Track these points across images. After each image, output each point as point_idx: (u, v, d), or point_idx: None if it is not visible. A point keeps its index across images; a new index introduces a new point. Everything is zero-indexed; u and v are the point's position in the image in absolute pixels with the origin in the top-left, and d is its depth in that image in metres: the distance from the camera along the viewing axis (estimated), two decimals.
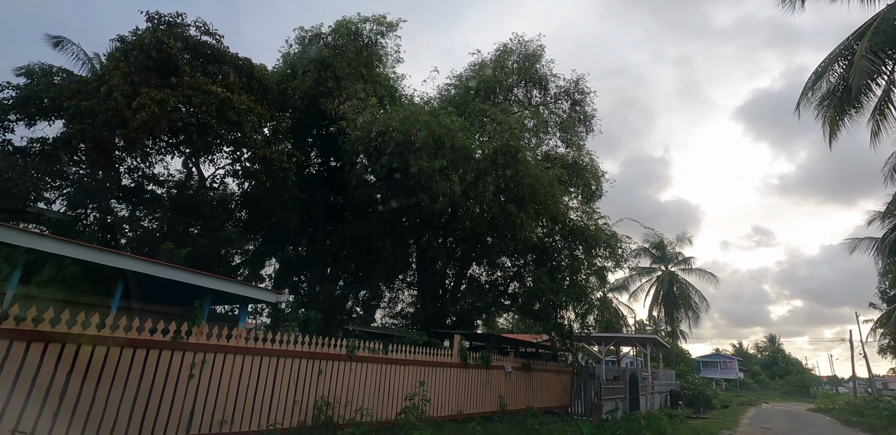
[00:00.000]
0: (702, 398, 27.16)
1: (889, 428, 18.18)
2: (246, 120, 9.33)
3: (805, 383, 60.16)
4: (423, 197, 10.82)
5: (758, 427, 17.32)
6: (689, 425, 13.70)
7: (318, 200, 15.11)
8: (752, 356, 71.74)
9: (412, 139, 10.70)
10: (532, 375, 14.42)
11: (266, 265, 18.21)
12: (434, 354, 10.83)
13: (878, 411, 25.19)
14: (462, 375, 11.61)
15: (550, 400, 15.31)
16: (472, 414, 11.69)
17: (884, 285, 26.54)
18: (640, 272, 34.99)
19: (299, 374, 7.96)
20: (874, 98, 12.54)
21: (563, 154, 16.19)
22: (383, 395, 9.28)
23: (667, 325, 35.81)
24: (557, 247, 14.63)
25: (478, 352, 13.17)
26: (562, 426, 12.34)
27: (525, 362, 14.12)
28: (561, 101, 16.47)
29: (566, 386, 16.17)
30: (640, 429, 10.39)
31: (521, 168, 11.72)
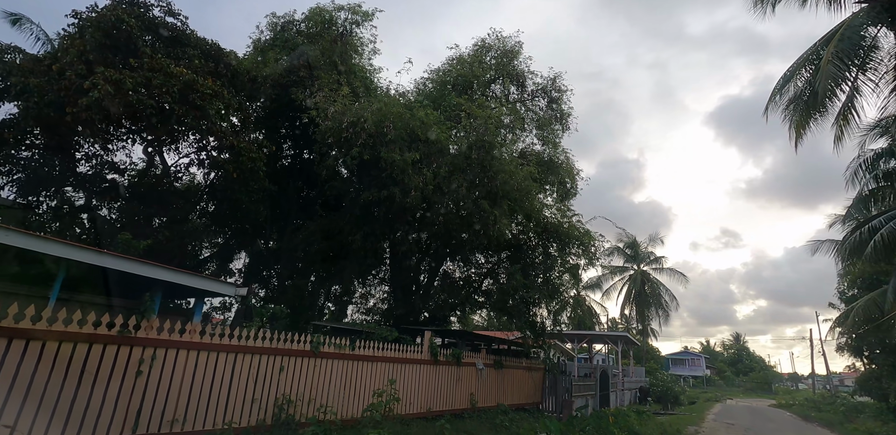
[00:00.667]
0: (670, 395, 27.61)
1: (844, 423, 18.71)
2: (210, 105, 8.85)
3: (767, 380, 62.03)
4: (395, 190, 10.51)
5: (722, 423, 17.60)
6: (657, 422, 13.77)
7: (290, 193, 14.64)
8: (718, 354, 73.64)
9: (385, 131, 10.38)
10: (504, 372, 14.27)
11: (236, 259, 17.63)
12: (403, 350, 10.55)
13: (834, 407, 26.01)
14: (432, 372, 11.36)
15: (522, 397, 15.21)
16: (442, 411, 11.45)
17: (842, 286, 27.28)
18: (613, 271, 35.38)
19: (259, 371, 7.57)
20: (838, 103, 12.76)
21: (538, 151, 16.08)
22: (349, 392, 8.96)
23: (638, 323, 36.32)
24: (531, 244, 14.51)
25: (451, 349, 12.95)
26: (531, 423, 12.22)
27: (497, 359, 13.95)
28: (538, 99, 16.35)
29: (538, 383, 16.09)
30: (608, 426, 10.33)
31: (494, 163, 11.53)
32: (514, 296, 13.44)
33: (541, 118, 16.00)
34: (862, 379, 28.33)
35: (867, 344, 24.98)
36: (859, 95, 12.71)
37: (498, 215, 11.50)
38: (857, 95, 12.69)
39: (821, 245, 25.74)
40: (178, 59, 9.34)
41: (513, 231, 14.61)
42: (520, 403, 15.04)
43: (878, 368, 25.52)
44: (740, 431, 15.54)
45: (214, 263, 17.28)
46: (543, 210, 14.21)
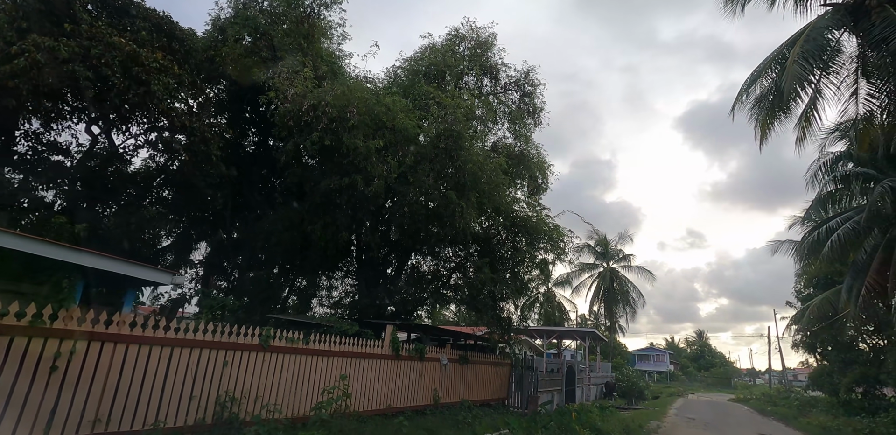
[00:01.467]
0: (635, 390, 27.85)
1: (798, 417, 19.06)
2: (157, 80, 8.10)
3: (727, 375, 63.83)
4: (358, 179, 9.96)
5: (683, 418, 17.68)
6: (619, 417, 13.63)
7: (254, 181, 13.88)
8: (682, 350, 75.36)
9: (348, 116, 9.81)
10: (469, 368, 13.89)
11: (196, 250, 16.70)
12: (363, 344, 10.02)
13: (789, 402, 26.67)
14: (393, 368, 10.87)
15: (487, 393, 14.87)
16: (403, 408, 10.98)
17: (799, 285, 27.99)
18: (583, 268, 35.52)
19: (199, 366, 6.94)
20: (801, 105, 12.78)
21: (510, 145, 15.73)
22: (302, 389, 8.38)
23: (606, 319, 36.59)
24: (500, 238, 14.13)
25: (414, 343, 12.48)
26: (494, 419, 11.87)
27: (462, 355, 13.56)
28: (511, 92, 15.98)
29: (504, 378, 15.79)
30: (571, 422, 10.04)
31: (463, 154, 11.08)
32: (482, 290, 13.05)
33: (513, 112, 15.64)
34: (814, 375, 29.15)
35: (820, 341, 25.66)
36: (821, 98, 12.75)
37: (465, 207, 11.07)
38: (820, 98, 12.73)
39: (780, 245, 26.23)
40: (124, 30, 8.54)
41: (483, 225, 14.23)
42: (485, 399, 14.70)
43: (830, 365, 26.27)
44: (700, 426, 15.58)
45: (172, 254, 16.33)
46: (513, 204, 13.84)
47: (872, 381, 22.38)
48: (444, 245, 14.65)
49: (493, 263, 13.81)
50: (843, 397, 23.86)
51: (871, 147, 14.78)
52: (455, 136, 11.12)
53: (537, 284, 15.65)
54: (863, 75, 12.53)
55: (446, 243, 14.31)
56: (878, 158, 14.97)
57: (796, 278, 28.36)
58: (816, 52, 11.56)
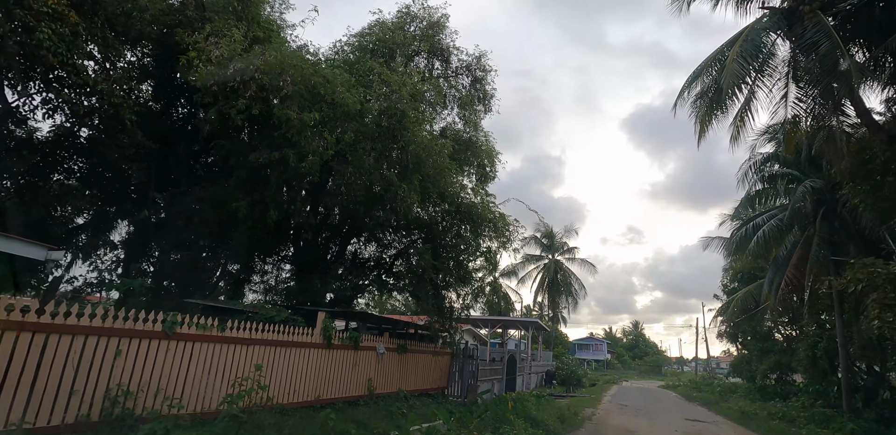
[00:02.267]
0: (573, 378, 28.42)
1: (720, 402, 19.99)
2: (47, 27, 6.86)
3: (658, 364, 67.26)
4: (290, 153, 9.07)
5: (617, 404, 18.05)
6: (555, 405, 13.56)
7: (180, 156, 12.53)
8: (619, 340, 78.66)
9: (281, 85, 8.88)
10: (408, 357, 13.35)
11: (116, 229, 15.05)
12: (291, 332, 9.21)
13: (712, 388, 28.12)
14: (324, 357, 10.13)
15: (427, 382, 14.40)
16: (334, 399, 10.29)
17: (726, 280, 29.42)
18: (529, 259, 35.89)
19: (85, 356, 5.95)
20: (737, 104, 13.04)
21: (459, 131, 15.19)
22: (214, 381, 7.50)
23: (550, 310, 37.19)
24: (445, 225, 13.59)
25: (348, 331, 11.78)
26: (430, 409, 11.41)
27: (401, 343, 12.99)
28: (462, 76, 15.42)
29: (444, 368, 15.38)
30: (507, 412, 9.72)
31: (407, 135, 10.41)
32: (423, 277, 12.50)
33: (463, 97, 15.09)
34: (735, 363, 30.93)
35: (742, 332, 27.10)
36: (755, 99, 13.05)
37: (408, 190, 10.43)
38: (754, 99, 13.03)
39: (711, 241, 27.51)
40: None
41: (427, 211, 13.65)
42: (424, 389, 14.23)
43: (749, 353, 27.88)
44: (632, 412, 15.87)
45: (89, 233, 14.63)
46: (460, 191, 13.31)
47: (785, 368, 23.90)
48: (387, 231, 13.97)
49: (436, 251, 13.29)
50: (759, 383, 25.40)
51: (797, 149, 15.41)
52: (399, 115, 10.43)
53: (484, 274, 15.32)
54: (793, 79, 12.90)
55: (389, 229, 13.65)
56: (802, 160, 15.64)
57: (723, 273, 29.85)
58: (754, 52, 11.75)
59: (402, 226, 13.31)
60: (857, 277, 8.73)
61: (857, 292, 8.66)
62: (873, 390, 17.67)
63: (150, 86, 12.47)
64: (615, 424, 12.62)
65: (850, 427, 11.38)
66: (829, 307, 16.18)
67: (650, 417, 14.57)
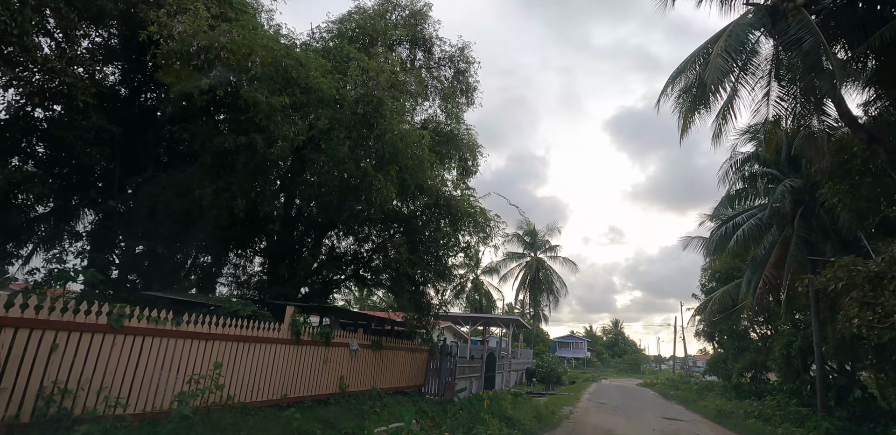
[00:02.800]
0: (553, 376, 28.23)
1: (697, 400, 19.91)
2: None
3: (637, 362, 67.78)
4: (257, 138, 8.52)
5: (595, 402, 17.82)
6: (533, 404, 13.22)
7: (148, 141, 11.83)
8: (598, 338, 79.07)
9: (249, 66, 8.31)
10: (383, 354, 12.87)
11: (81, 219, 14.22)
12: (256, 327, 8.66)
13: (689, 386, 28.21)
14: (293, 353, 9.60)
15: (403, 380, 13.94)
16: (303, 397, 9.76)
17: (704, 279, 29.49)
18: (512, 257, 35.66)
19: (14, 351, 5.35)
20: (720, 101, 12.87)
21: (440, 123, 14.74)
22: (167, 378, 6.91)
23: (531, 308, 37.03)
24: (424, 219, 13.15)
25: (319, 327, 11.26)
26: (403, 408, 10.96)
27: (376, 340, 12.50)
28: (444, 68, 14.97)
29: (421, 365, 14.93)
30: (482, 411, 9.32)
31: (383, 123, 9.92)
32: (400, 272, 12.02)
33: (445, 89, 14.65)
34: (711, 361, 31.11)
35: (718, 331, 27.20)
36: (738, 97, 12.90)
37: (384, 181, 9.94)
38: (736, 97, 12.87)
39: (691, 241, 27.54)
40: None
41: (407, 204, 13.20)
42: (400, 387, 13.77)
43: (725, 352, 28.04)
44: (610, 410, 15.63)
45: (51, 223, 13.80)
46: (440, 185, 12.86)
47: (760, 367, 24.03)
48: (365, 224, 13.46)
49: (414, 245, 12.84)
50: (735, 382, 25.54)
51: (777, 149, 15.31)
52: (376, 102, 9.94)
53: (466, 271, 14.93)
54: (775, 78, 12.77)
55: (366, 222, 13.13)
56: (782, 160, 15.57)
57: (702, 273, 29.96)
58: (738, 47, 11.56)
59: (380, 219, 12.81)
60: (838, 275, 8.52)
61: (838, 290, 8.45)
62: (845, 389, 17.74)
63: (118, 68, 11.76)
64: (593, 423, 12.33)
65: (826, 426, 11.26)
66: (806, 307, 16.17)
67: (628, 416, 14.33)
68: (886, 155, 10.40)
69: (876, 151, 10.62)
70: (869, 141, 10.72)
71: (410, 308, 13.44)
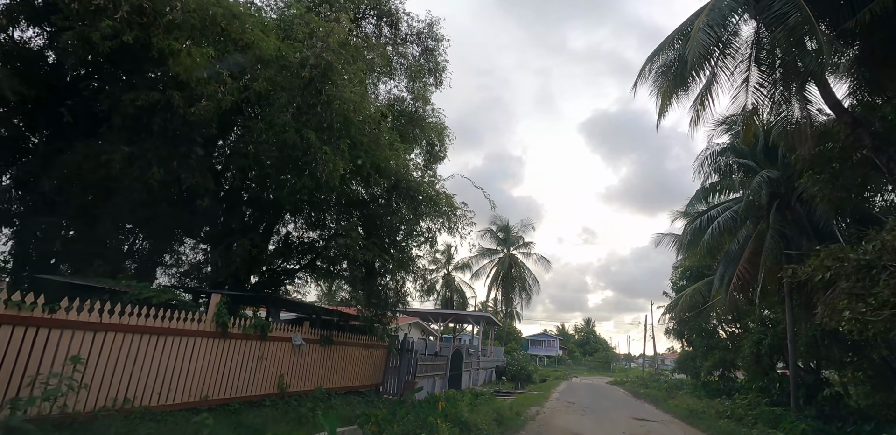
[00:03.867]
0: (524, 374, 27.19)
1: (668, 399, 19.09)
2: None
3: (608, 360, 67.59)
4: (175, 95, 7.10)
5: (564, 402, 16.79)
6: (495, 405, 12.04)
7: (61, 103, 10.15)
8: (571, 336, 78.76)
9: (165, 11, 6.89)
10: (334, 350, 11.51)
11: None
12: (169, 317, 7.22)
13: (659, 384, 27.55)
14: (217, 348, 8.17)
15: (357, 378, 12.59)
16: (229, 399, 8.32)
17: (675, 277, 28.93)
18: (484, 253, 34.52)
19: None
20: (698, 86, 12.06)
21: (406, 103, 13.49)
22: (25, 377, 5.44)
23: (504, 306, 35.97)
24: (383, 203, 11.84)
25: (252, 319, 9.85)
26: (352, 410, 9.64)
27: (326, 334, 11.13)
28: (411, 45, 13.71)
29: (379, 362, 13.60)
30: (434, 413, 8.07)
31: (332, 90, 8.59)
32: (355, 260, 10.69)
33: (412, 67, 13.38)
34: (680, 359, 30.60)
35: (688, 328, 26.64)
36: (716, 82, 12.07)
37: (331, 154, 8.62)
38: (715, 82, 12.04)
39: (663, 238, 26.99)
40: None
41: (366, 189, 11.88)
42: (354, 386, 12.41)
43: (694, 350, 27.55)
44: (579, 410, 14.60)
45: None
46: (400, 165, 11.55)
47: (729, 365, 23.52)
48: (320, 209, 12.07)
49: (372, 232, 11.54)
50: (703, 380, 24.99)
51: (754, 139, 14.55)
52: (324, 65, 8.61)
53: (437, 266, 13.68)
54: (755, 63, 11.96)
55: (320, 206, 11.74)
56: (758, 152, 14.84)
57: (673, 271, 29.40)
58: (720, 22, 10.70)
59: (336, 203, 11.47)
60: (825, 264, 7.59)
61: (825, 281, 7.50)
62: (813, 387, 17.15)
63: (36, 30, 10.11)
64: (560, 425, 11.23)
65: (802, 427, 10.41)
66: (777, 303, 15.47)
67: (597, 417, 13.31)
68: (871, 140, 9.60)
69: (860, 137, 9.82)
70: (853, 126, 9.92)
71: (364, 300, 12.12)
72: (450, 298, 33.60)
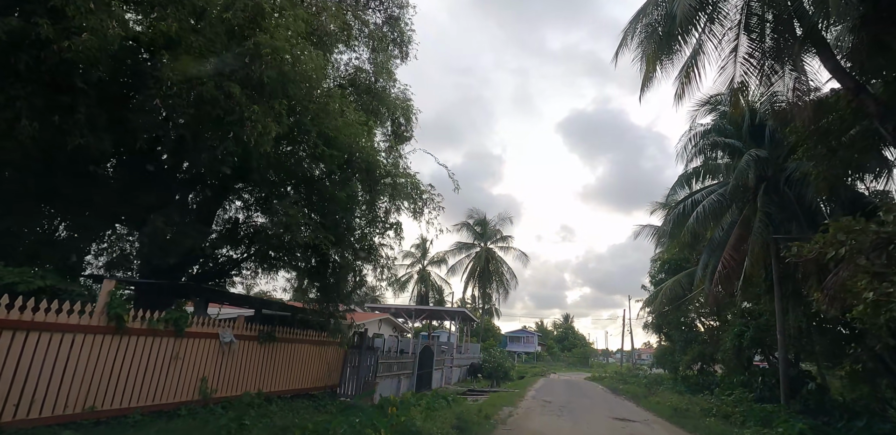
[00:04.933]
0: (500, 371, 25.85)
1: (648, 396, 17.96)
2: None
3: (586, 355, 66.97)
4: (44, 24, 5.45)
5: (540, 401, 15.47)
6: (459, 409, 10.54)
7: None
8: (549, 332, 77.99)
9: None
10: (278, 348, 9.92)
11: None
12: (38, 309, 5.57)
13: (638, 380, 26.56)
14: (112, 347, 6.52)
15: (308, 379, 11.01)
16: (129, 409, 6.67)
17: (654, 270, 28.04)
18: (461, 247, 33.05)
19: None
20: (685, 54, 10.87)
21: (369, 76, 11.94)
22: None
23: (483, 303, 34.57)
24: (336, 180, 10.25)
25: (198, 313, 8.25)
26: (288, 418, 8.06)
27: (267, 330, 9.53)
28: (374, 12, 12.18)
29: (335, 361, 12.03)
30: (380, 420, 6.57)
31: (263, 37, 7.00)
32: (297, 243, 9.09)
33: (375, 36, 11.83)
34: (658, 353, 29.73)
35: (667, 322, 25.74)
36: (703, 53, 10.93)
37: (261, 114, 7.04)
38: (701, 52, 10.88)
39: (643, 229, 26.14)
40: None
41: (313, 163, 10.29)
42: (305, 388, 10.83)
43: (673, 344, 26.69)
44: (556, 410, 13.27)
45: None
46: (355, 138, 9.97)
47: (708, 359, 22.64)
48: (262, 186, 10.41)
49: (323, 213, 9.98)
50: (682, 373, 24.08)
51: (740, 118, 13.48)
52: (252, 7, 7.04)
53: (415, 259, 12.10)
54: (745, 30, 10.82)
55: (261, 184, 10.10)
56: (744, 132, 13.76)
57: (651, 264, 28.55)
58: None
59: (277, 180, 9.85)
60: (838, 238, 6.35)
61: (838, 258, 6.27)
62: (797, 381, 16.25)
63: None
64: (533, 429, 9.85)
65: (799, 427, 9.23)
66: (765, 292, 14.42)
67: (574, 417, 11.99)
68: (876, 106, 8.46)
69: (864, 104, 8.68)
70: (856, 91, 8.77)
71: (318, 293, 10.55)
72: (425, 293, 32.07)
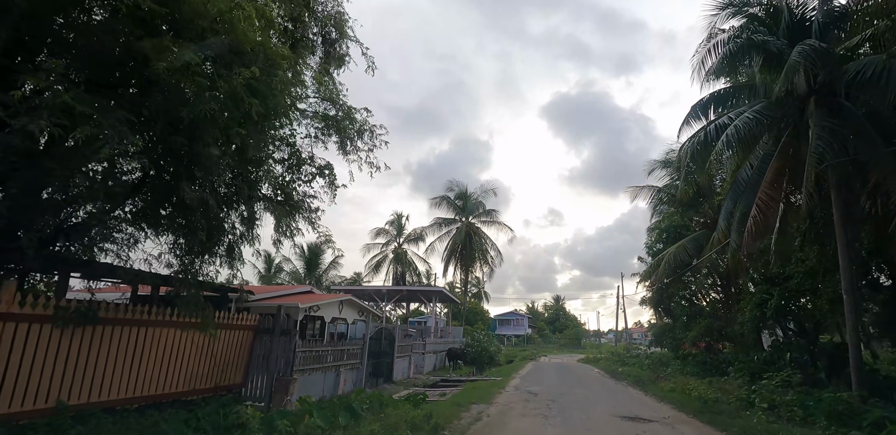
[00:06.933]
0: (485, 356, 22.44)
1: (656, 380, 14.60)
2: None
3: (578, 336, 64.25)
4: None
5: (524, 392, 12.01)
6: (404, 415, 6.91)
7: None
8: (540, 314, 75.09)
9: None
10: (112, 334, 6.25)
11: None
12: None
13: (639, 361, 23.40)
14: None
15: (181, 380, 7.38)
16: None
17: (651, 240, 24.75)
18: (441, 223, 29.30)
19: None
20: None
21: None
22: None
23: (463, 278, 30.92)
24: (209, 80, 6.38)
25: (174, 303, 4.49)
26: None
27: (82, 307, 5.85)
28: None
29: (238, 351, 8.39)
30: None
31: None
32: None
33: None
34: (657, 331, 26.68)
35: (668, 295, 22.57)
36: None
37: None
38: None
39: (640, 191, 22.66)
40: None
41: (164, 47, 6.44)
42: (172, 393, 7.19)
43: (674, 320, 23.66)
44: (542, 405, 9.84)
45: None
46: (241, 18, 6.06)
47: (716, 334, 19.57)
48: None
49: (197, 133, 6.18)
50: (686, 352, 21.04)
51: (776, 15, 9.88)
52: None
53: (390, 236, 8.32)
54: None
55: None
56: (781, 35, 10.18)
57: (648, 233, 25.30)
58: None
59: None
60: None
61: None
62: (835, 356, 13.04)
63: None
64: None
65: None
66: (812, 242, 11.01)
67: (567, 418, 8.55)
68: None
69: None
70: None
71: (184, 249, 6.82)
72: (402, 274, 28.52)
